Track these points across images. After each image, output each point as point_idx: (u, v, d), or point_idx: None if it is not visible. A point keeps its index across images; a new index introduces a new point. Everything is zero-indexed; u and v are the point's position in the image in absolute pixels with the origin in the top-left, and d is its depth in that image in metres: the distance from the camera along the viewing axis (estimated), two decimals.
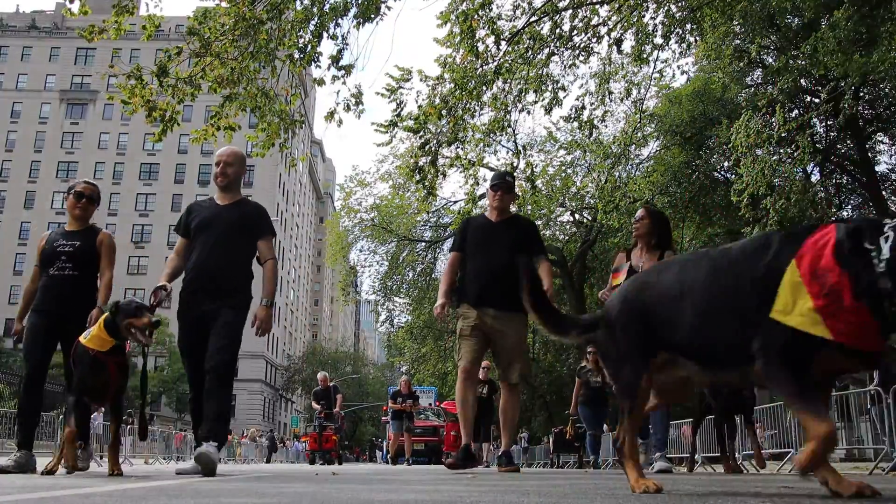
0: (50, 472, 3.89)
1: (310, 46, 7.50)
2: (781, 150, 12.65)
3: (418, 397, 13.48)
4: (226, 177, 4.48)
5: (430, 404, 22.77)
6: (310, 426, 15.93)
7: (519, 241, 5.01)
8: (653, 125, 18.70)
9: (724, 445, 6.96)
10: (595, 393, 9.86)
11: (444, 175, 11.69)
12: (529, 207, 18.59)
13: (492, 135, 10.76)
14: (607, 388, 9.34)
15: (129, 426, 17.12)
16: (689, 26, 9.98)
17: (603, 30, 9.00)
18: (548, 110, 9.26)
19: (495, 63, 8.47)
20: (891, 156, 24.64)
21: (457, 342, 5.18)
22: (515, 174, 10.31)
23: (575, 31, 8.93)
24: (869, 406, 8.38)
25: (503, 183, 5.31)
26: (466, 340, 5.06)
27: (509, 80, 8.79)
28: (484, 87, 8.51)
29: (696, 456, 10.67)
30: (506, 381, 5.14)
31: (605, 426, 10.72)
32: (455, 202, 22.63)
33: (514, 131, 14.64)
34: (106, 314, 3.89)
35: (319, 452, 13.94)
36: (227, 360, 4.20)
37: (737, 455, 7.25)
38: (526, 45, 8.65)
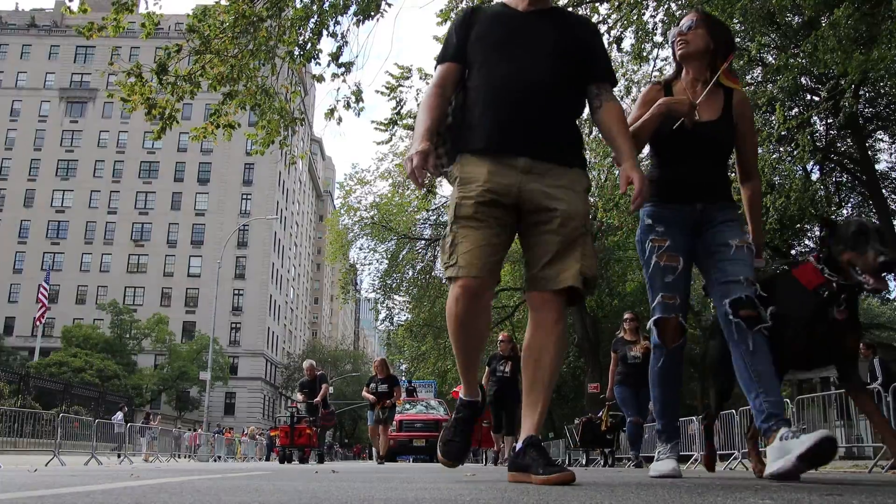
0: None
1: (310, 44, 7.50)
2: (781, 149, 12.66)
3: (397, 380, 11.51)
4: None
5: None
6: (281, 418, 13.64)
7: (569, 46, 2.68)
8: None
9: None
10: (635, 370, 7.93)
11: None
12: None
13: None
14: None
15: (125, 423, 17.14)
16: None
17: (603, 28, 8.99)
18: None
19: None
20: (891, 154, 24.74)
21: (449, 233, 2.61)
22: None
23: None
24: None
25: None
26: (471, 227, 2.54)
27: None
28: None
29: (696, 454, 10.61)
30: (548, 289, 2.53)
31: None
32: None
33: None
34: None
35: (292, 448, 11.83)
36: None
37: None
38: None
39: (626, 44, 9.42)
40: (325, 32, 7.44)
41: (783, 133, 10.83)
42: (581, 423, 11.26)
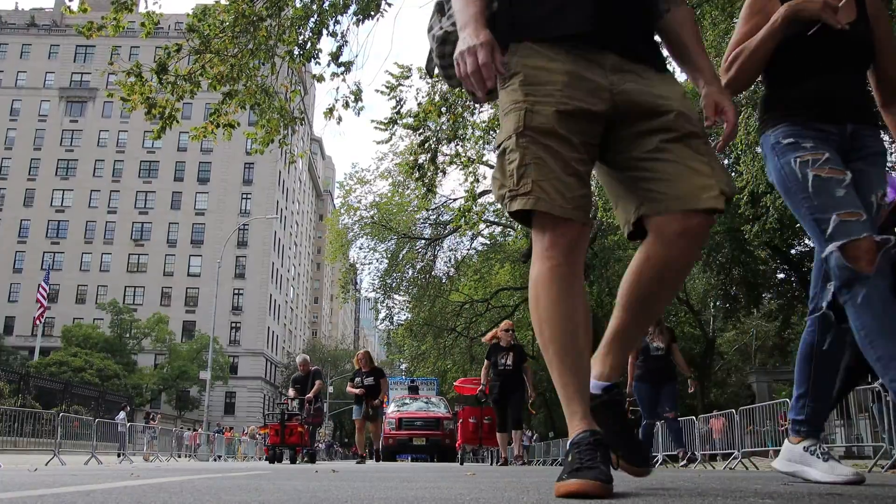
0: None
1: (309, 43, 7.50)
2: None
3: (383, 372, 10.95)
4: None
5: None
6: (271, 416, 12.09)
7: None
8: None
9: None
10: (657, 363, 7.43)
11: (444, 172, 11.67)
12: None
13: (491, 132, 10.76)
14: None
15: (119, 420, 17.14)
16: None
17: None
18: None
19: None
20: (891, 154, 24.65)
21: (515, 148, 1.72)
22: None
23: None
24: (870, 403, 8.39)
25: None
26: (550, 145, 1.72)
27: None
28: None
29: (696, 453, 10.61)
30: (687, 208, 1.73)
31: (669, 411, 7.82)
32: (455, 199, 22.67)
33: None
34: None
35: (283, 447, 10.92)
36: None
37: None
38: None
39: None
40: (324, 32, 7.44)
41: None
42: None
